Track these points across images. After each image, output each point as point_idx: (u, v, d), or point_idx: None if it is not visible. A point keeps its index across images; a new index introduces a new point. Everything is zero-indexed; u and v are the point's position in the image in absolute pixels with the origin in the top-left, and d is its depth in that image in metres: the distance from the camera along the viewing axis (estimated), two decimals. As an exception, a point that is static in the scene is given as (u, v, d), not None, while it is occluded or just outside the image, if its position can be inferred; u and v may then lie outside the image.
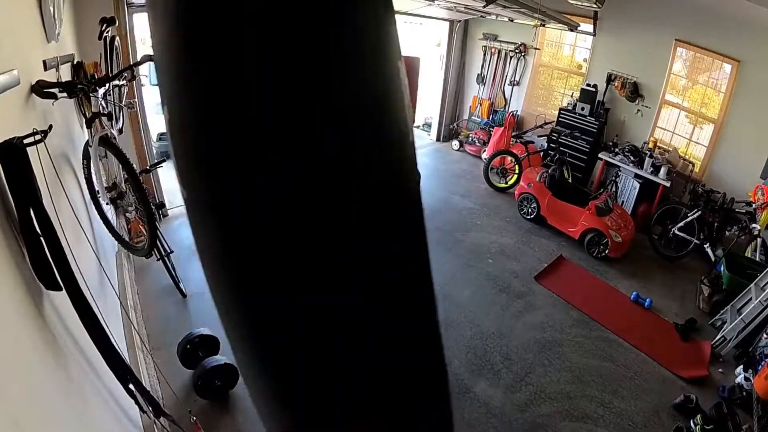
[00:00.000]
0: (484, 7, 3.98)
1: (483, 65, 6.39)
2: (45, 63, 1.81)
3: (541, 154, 5.50)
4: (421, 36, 7.79)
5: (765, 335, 2.79)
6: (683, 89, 4.70)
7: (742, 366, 2.80)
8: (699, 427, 2.35)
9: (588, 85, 5.05)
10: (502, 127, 5.81)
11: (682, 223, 4.10)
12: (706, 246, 3.98)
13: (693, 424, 2.40)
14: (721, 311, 3.33)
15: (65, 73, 2.32)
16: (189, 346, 2.42)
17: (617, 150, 4.83)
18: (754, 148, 4.00)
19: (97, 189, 2.26)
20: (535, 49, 5.69)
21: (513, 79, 6.09)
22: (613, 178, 4.85)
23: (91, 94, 1.92)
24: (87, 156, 2.12)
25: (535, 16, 4.28)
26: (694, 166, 4.53)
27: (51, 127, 1.25)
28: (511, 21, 5.39)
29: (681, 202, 4.39)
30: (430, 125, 7.24)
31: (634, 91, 4.83)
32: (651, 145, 4.79)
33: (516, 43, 5.89)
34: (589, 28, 5.05)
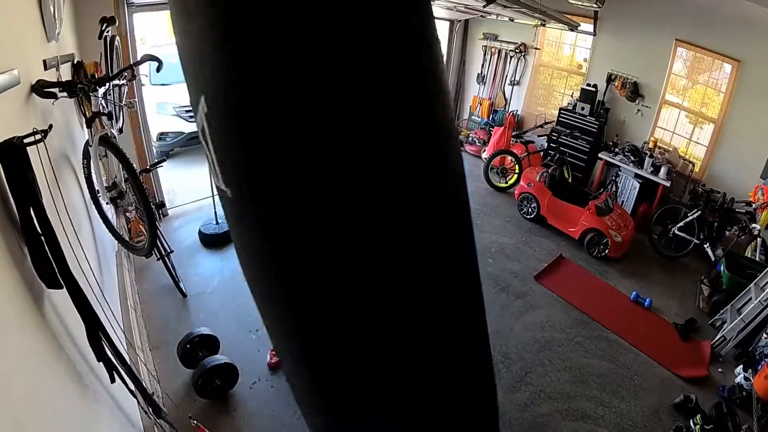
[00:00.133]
0: (484, 6, 3.98)
1: (483, 65, 6.38)
2: (45, 62, 1.81)
3: (541, 153, 5.49)
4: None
5: (765, 335, 2.79)
6: (683, 89, 4.69)
7: (741, 366, 2.80)
8: (699, 426, 2.35)
9: (588, 84, 5.05)
10: (502, 127, 5.80)
11: (682, 223, 4.10)
12: (706, 246, 3.98)
13: (693, 424, 2.40)
14: (721, 311, 3.33)
15: (65, 73, 2.33)
16: (189, 346, 2.42)
17: (617, 150, 4.82)
18: (754, 148, 4.00)
19: (97, 188, 2.26)
20: (536, 48, 5.69)
21: (513, 78, 6.09)
22: (613, 178, 4.85)
23: (91, 94, 1.93)
24: (87, 155, 2.12)
25: (535, 16, 4.28)
26: (694, 165, 4.53)
27: (51, 126, 1.25)
28: (512, 21, 5.39)
29: (681, 202, 4.39)
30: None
31: (634, 91, 4.83)
32: (651, 144, 4.79)
33: (516, 43, 5.88)
34: (589, 27, 5.05)
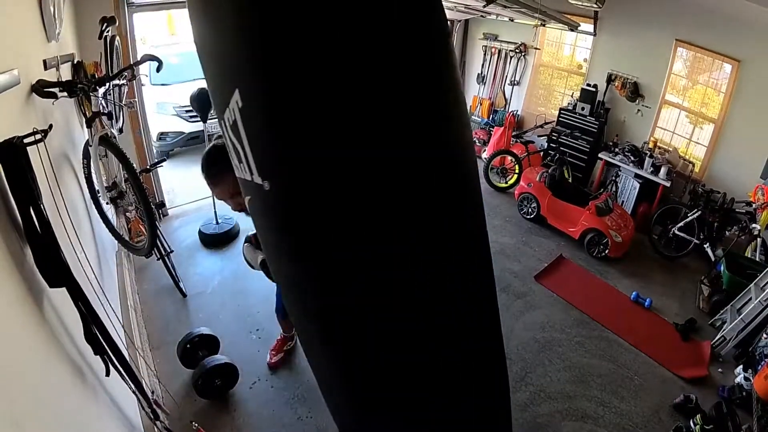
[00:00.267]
0: (485, 7, 3.98)
1: (483, 65, 6.38)
2: (45, 62, 1.82)
3: (541, 153, 5.49)
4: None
5: (765, 335, 2.79)
6: (683, 89, 4.69)
7: (741, 366, 2.80)
8: (699, 426, 2.35)
9: (588, 85, 5.05)
10: (502, 127, 5.80)
11: (682, 223, 4.10)
12: (706, 246, 3.98)
13: (693, 424, 2.40)
14: (721, 311, 3.33)
15: (65, 73, 2.33)
16: (189, 346, 2.42)
17: (617, 150, 4.82)
18: (754, 148, 3.99)
19: (97, 188, 2.26)
20: (536, 48, 5.69)
21: (513, 78, 6.09)
22: (613, 178, 4.85)
23: (91, 94, 1.93)
24: (87, 155, 2.12)
25: (535, 16, 4.28)
26: (694, 166, 4.53)
27: (51, 126, 1.25)
28: (512, 21, 5.39)
29: (681, 202, 4.39)
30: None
31: (635, 91, 4.83)
32: (651, 145, 4.78)
33: (516, 43, 5.88)
34: (589, 28, 5.05)
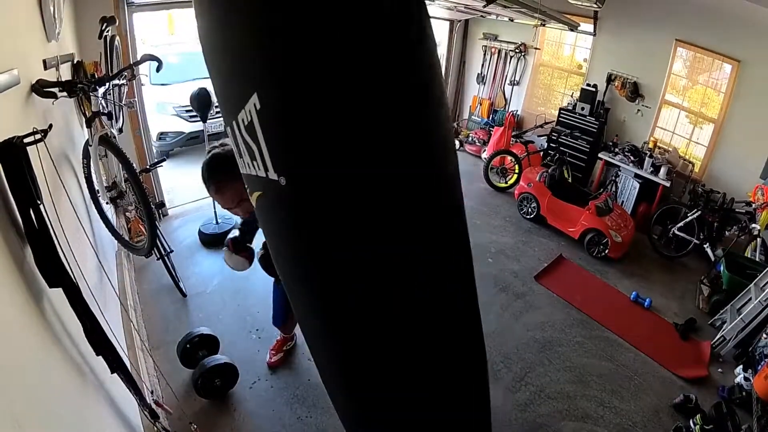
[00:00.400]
0: (485, 6, 3.98)
1: (483, 65, 6.38)
2: (45, 62, 1.81)
3: (541, 153, 5.49)
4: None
5: (765, 335, 2.79)
6: (683, 89, 4.69)
7: (741, 366, 2.80)
8: (698, 426, 2.35)
9: (588, 84, 5.05)
10: (502, 127, 5.80)
11: (681, 223, 4.10)
12: (705, 246, 3.98)
13: (693, 424, 2.40)
14: (721, 311, 3.33)
15: (65, 73, 2.33)
16: (189, 346, 2.42)
17: (617, 150, 4.82)
18: (754, 148, 3.99)
19: (97, 188, 2.26)
20: (536, 48, 5.69)
21: (513, 78, 6.09)
22: (613, 178, 4.85)
23: (91, 94, 1.93)
24: (87, 155, 2.12)
25: (535, 16, 4.28)
26: (694, 166, 4.53)
27: (51, 126, 1.25)
28: (512, 21, 5.39)
29: (681, 202, 4.39)
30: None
31: (634, 91, 4.83)
32: (651, 145, 4.78)
33: (516, 43, 5.88)
34: (589, 27, 5.05)
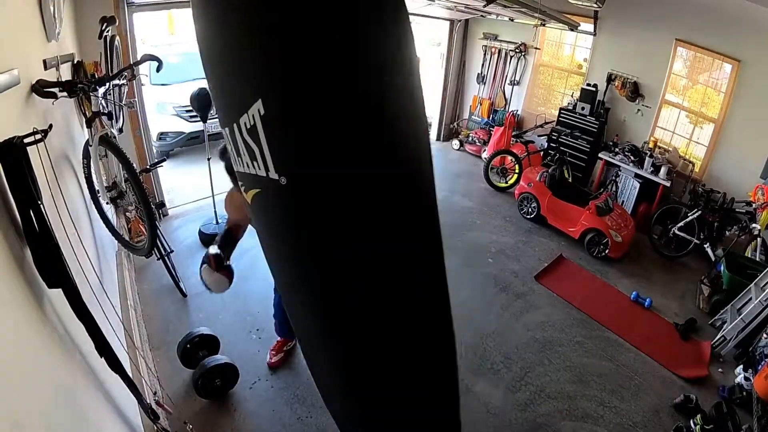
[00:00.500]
0: (485, 6, 3.98)
1: (483, 65, 6.38)
2: (45, 62, 1.81)
3: (541, 153, 5.49)
4: (421, 35, 7.78)
5: (765, 335, 2.79)
6: (683, 89, 4.69)
7: (741, 366, 2.80)
8: (699, 426, 2.35)
9: (588, 84, 5.05)
10: (503, 127, 5.80)
11: (682, 223, 4.10)
12: (706, 246, 3.98)
13: (693, 424, 2.40)
14: (721, 311, 3.33)
15: (65, 73, 2.33)
16: (189, 346, 2.42)
17: (617, 150, 4.82)
18: (754, 148, 3.99)
19: (97, 188, 2.26)
20: (536, 48, 5.68)
21: (513, 78, 6.09)
22: (613, 178, 4.85)
23: (91, 94, 1.93)
24: (87, 155, 2.12)
25: (535, 16, 4.28)
26: (694, 165, 4.53)
27: (51, 126, 1.25)
28: (512, 20, 5.39)
29: (681, 201, 4.39)
30: (430, 125, 7.24)
31: (635, 91, 4.83)
32: (651, 144, 4.78)
33: (516, 43, 5.88)
34: (589, 27, 5.05)
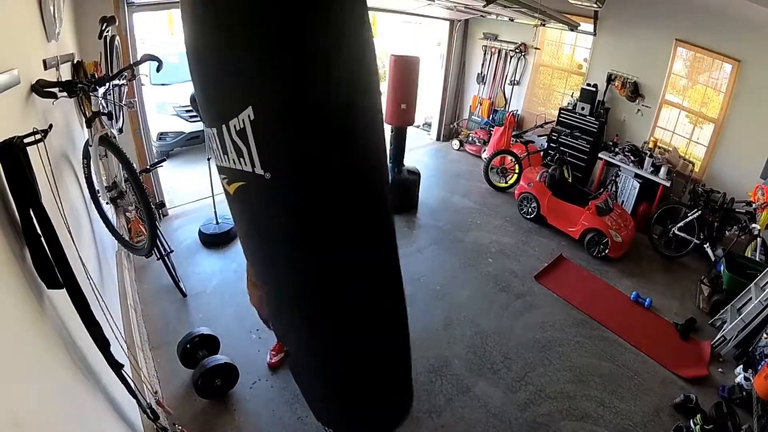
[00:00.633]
0: (485, 6, 3.98)
1: (483, 65, 6.38)
2: (45, 62, 1.81)
3: (541, 153, 5.50)
4: (421, 36, 7.78)
5: (765, 335, 2.79)
6: (683, 89, 4.69)
7: (741, 366, 2.80)
8: (699, 426, 2.35)
9: (588, 84, 5.05)
10: (503, 127, 5.81)
11: (682, 223, 4.11)
12: (706, 246, 3.98)
13: (693, 424, 2.40)
14: (721, 311, 3.33)
15: (65, 73, 2.33)
16: (189, 346, 2.42)
17: (617, 150, 4.82)
18: (754, 148, 3.99)
19: (97, 188, 2.26)
20: (536, 48, 5.69)
21: (513, 78, 6.09)
22: (613, 178, 4.85)
23: (91, 94, 1.92)
24: (87, 155, 2.12)
25: (535, 16, 4.28)
26: (694, 165, 4.53)
27: (51, 126, 1.25)
28: (512, 20, 5.39)
29: (681, 201, 4.39)
30: (430, 125, 7.24)
31: (635, 91, 4.83)
32: (651, 144, 4.79)
33: (516, 43, 5.88)
34: (589, 27, 5.05)
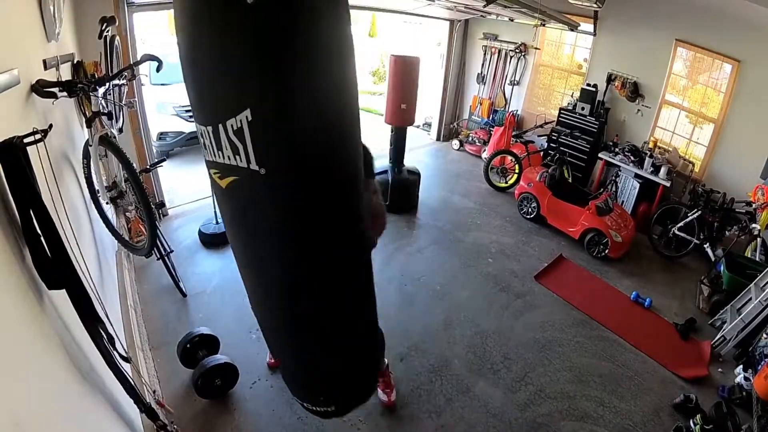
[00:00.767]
0: (485, 6, 3.98)
1: (483, 65, 6.38)
2: (45, 62, 1.81)
3: (541, 153, 5.50)
4: (421, 36, 7.79)
5: (765, 335, 2.79)
6: (683, 89, 4.69)
7: (741, 366, 2.80)
8: (699, 426, 2.35)
9: (588, 84, 5.05)
10: (502, 127, 5.81)
11: (682, 223, 4.11)
12: (706, 246, 3.98)
13: (693, 424, 2.40)
14: (721, 311, 3.33)
15: (65, 73, 2.33)
16: (189, 346, 2.42)
17: (617, 150, 4.82)
18: (754, 148, 4.00)
19: (97, 188, 2.26)
20: (536, 48, 5.69)
21: (513, 78, 6.09)
22: (613, 178, 4.85)
23: (91, 94, 1.93)
24: (87, 155, 2.12)
25: (535, 16, 4.28)
26: (694, 166, 4.53)
27: (51, 126, 1.25)
28: (512, 21, 5.39)
29: (681, 202, 4.39)
30: (430, 125, 7.24)
31: (635, 91, 4.83)
32: (651, 144, 4.79)
33: (516, 43, 5.88)
34: (589, 27, 5.05)
